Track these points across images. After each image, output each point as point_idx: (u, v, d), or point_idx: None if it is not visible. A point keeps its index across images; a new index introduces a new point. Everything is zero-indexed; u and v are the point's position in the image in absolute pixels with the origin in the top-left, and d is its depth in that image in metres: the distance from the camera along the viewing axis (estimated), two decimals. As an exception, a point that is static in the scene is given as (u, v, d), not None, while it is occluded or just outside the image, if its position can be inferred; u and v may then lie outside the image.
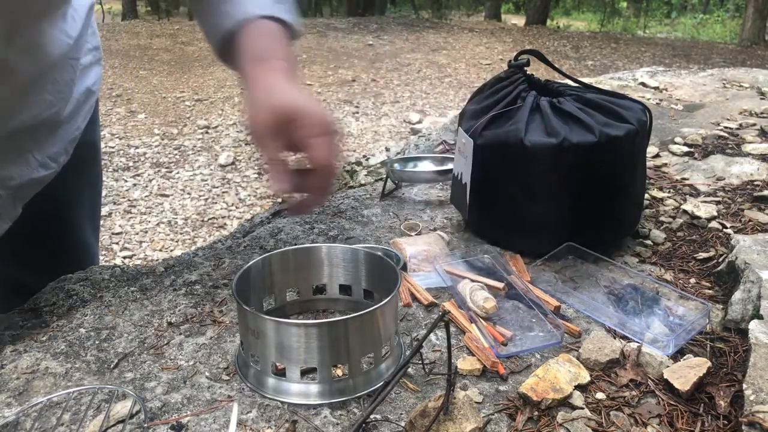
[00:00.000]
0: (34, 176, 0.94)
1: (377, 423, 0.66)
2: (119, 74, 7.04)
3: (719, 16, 17.91)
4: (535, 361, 0.77)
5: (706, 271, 0.99)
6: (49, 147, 0.97)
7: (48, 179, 0.97)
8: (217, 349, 0.78)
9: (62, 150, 1.00)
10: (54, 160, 0.98)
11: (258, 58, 0.83)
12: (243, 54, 0.84)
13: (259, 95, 0.80)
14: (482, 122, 1.02)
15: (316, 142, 0.77)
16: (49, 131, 0.96)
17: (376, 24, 11.40)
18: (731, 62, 8.61)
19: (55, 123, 0.97)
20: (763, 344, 0.72)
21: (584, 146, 0.94)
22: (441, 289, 0.93)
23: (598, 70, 8.28)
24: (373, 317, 0.69)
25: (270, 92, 0.80)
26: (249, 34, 0.85)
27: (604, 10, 18.50)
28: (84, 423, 0.65)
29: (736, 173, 1.39)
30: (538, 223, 1.01)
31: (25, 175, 0.93)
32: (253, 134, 0.79)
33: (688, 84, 2.30)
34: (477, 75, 7.69)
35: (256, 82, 0.81)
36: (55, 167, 0.98)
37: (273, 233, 1.11)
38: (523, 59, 1.08)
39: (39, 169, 0.95)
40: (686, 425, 0.66)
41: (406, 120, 5.68)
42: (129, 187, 4.07)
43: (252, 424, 0.66)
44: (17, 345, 0.79)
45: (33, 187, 0.96)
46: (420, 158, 1.37)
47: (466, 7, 19.52)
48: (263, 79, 0.81)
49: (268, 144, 0.77)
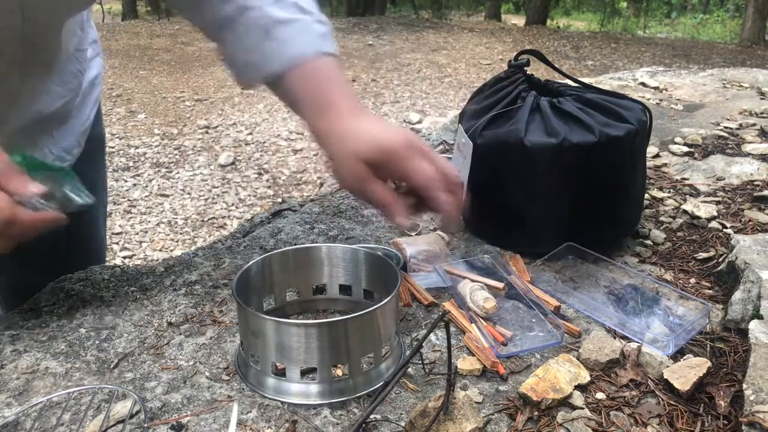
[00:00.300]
0: None
1: (377, 423, 0.66)
2: (119, 74, 7.04)
3: (719, 16, 17.91)
4: (535, 361, 0.77)
5: (706, 271, 0.99)
6: (62, 140, 1.01)
7: None
8: (217, 349, 0.78)
9: (75, 142, 1.04)
10: (68, 152, 1.03)
11: (324, 107, 0.80)
12: (305, 104, 0.81)
13: (341, 147, 0.76)
14: (482, 122, 1.02)
15: (417, 166, 0.74)
16: (60, 123, 1.00)
17: (376, 24, 11.40)
18: (731, 62, 8.61)
19: (65, 115, 1.01)
20: (763, 344, 0.72)
21: (584, 146, 0.94)
22: (441, 289, 0.93)
23: (598, 70, 8.27)
24: (373, 317, 0.69)
25: (352, 141, 0.76)
26: (305, 80, 0.81)
27: (604, 10, 18.50)
28: (84, 423, 0.65)
29: (736, 173, 1.39)
30: (538, 223, 1.01)
31: None
32: (351, 188, 0.77)
33: (688, 84, 2.30)
34: (477, 75, 7.69)
35: (331, 135, 0.78)
36: (70, 159, 1.03)
37: (273, 233, 1.11)
38: (523, 59, 1.08)
39: (55, 162, 0.99)
40: (686, 425, 0.66)
41: (406, 120, 5.68)
42: (129, 187, 4.07)
43: (252, 424, 0.66)
44: (17, 345, 0.79)
45: None
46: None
47: (466, 7, 19.52)
48: (339, 130, 0.78)
49: (373, 189, 0.75)
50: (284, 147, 4.91)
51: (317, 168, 4.50)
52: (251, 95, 6.46)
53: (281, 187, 4.18)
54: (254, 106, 6.05)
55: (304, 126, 0.83)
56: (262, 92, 6.59)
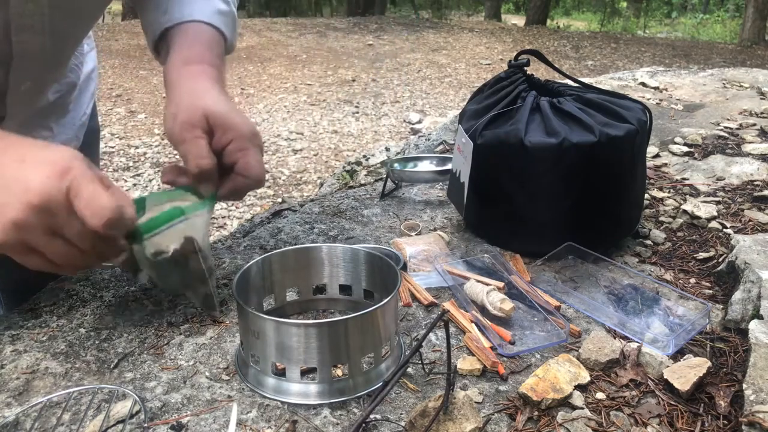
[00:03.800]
0: None
1: (377, 423, 0.66)
2: (119, 74, 7.04)
3: (719, 16, 17.91)
4: (535, 361, 0.77)
5: (706, 271, 0.99)
6: (61, 134, 1.02)
7: None
8: (217, 349, 0.78)
9: (73, 136, 1.06)
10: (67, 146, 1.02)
11: (189, 59, 0.84)
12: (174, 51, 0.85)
13: (187, 96, 0.80)
14: (482, 122, 1.02)
15: (249, 155, 0.79)
16: (59, 117, 1.01)
17: (376, 24, 11.41)
18: (731, 62, 8.62)
19: (63, 108, 1.02)
20: (763, 344, 0.72)
21: (584, 146, 0.94)
22: (441, 289, 0.93)
23: (598, 70, 8.28)
24: (373, 317, 0.69)
25: (199, 95, 0.80)
26: (184, 34, 0.86)
27: (604, 10, 18.51)
28: (84, 423, 0.65)
29: (736, 173, 1.39)
30: (538, 222, 1.01)
31: None
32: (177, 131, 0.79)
33: (688, 84, 2.30)
34: (477, 75, 7.70)
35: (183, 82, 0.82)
36: None
37: (273, 233, 1.11)
38: (523, 59, 1.08)
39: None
40: (686, 425, 0.66)
41: (406, 120, 5.68)
42: (129, 187, 4.07)
43: (252, 424, 0.66)
44: (17, 345, 0.79)
45: None
46: (420, 158, 1.37)
47: (466, 7, 19.53)
48: (192, 81, 0.82)
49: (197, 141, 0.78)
50: (284, 147, 4.92)
51: (317, 168, 4.50)
52: (251, 95, 6.47)
53: (281, 187, 4.18)
54: (254, 106, 6.05)
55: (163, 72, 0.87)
56: (261, 92, 6.59)
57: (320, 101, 6.33)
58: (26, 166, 0.63)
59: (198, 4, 0.88)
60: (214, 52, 0.87)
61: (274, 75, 7.42)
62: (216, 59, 0.87)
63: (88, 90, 1.10)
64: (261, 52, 8.66)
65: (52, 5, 0.77)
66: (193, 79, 0.82)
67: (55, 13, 0.78)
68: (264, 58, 8.27)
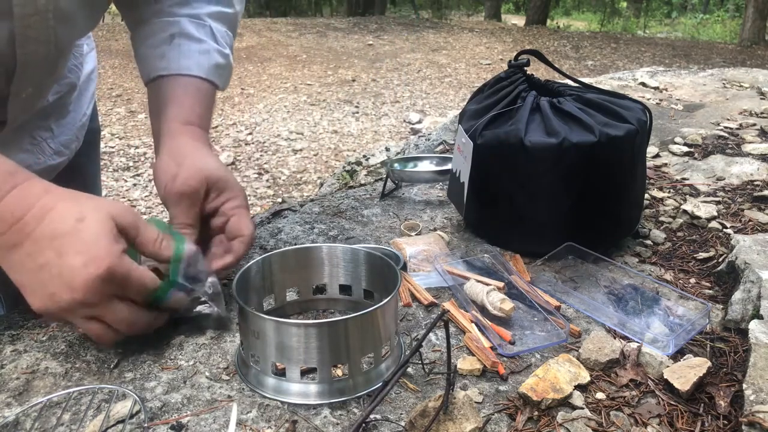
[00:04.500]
0: (50, 163, 1.01)
1: (377, 423, 0.66)
2: (119, 74, 7.05)
3: (719, 16, 17.92)
4: (535, 361, 0.77)
5: (706, 271, 0.99)
6: (61, 134, 1.03)
7: (63, 165, 1.04)
8: (217, 349, 0.78)
9: (73, 137, 1.06)
10: (67, 147, 1.05)
11: (188, 119, 0.87)
12: (172, 105, 0.87)
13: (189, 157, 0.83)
14: (482, 122, 1.02)
15: (242, 215, 0.84)
16: (59, 118, 1.03)
17: (376, 24, 11.41)
18: (731, 62, 8.62)
19: (63, 109, 1.03)
20: (763, 344, 0.72)
21: (584, 146, 0.94)
22: (441, 289, 0.93)
23: (598, 70, 8.28)
24: (373, 317, 0.69)
25: (200, 157, 0.83)
26: (183, 89, 0.88)
27: (604, 10, 18.51)
28: (84, 423, 0.65)
29: (736, 173, 1.39)
30: (538, 222, 1.01)
31: (41, 163, 0.99)
32: (175, 192, 0.81)
33: (688, 84, 2.30)
34: (477, 75, 7.70)
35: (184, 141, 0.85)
36: (68, 154, 1.05)
37: (273, 233, 1.11)
38: (523, 59, 1.08)
39: (54, 157, 1.02)
40: (686, 425, 0.66)
41: (406, 120, 5.68)
42: (129, 187, 4.07)
43: (252, 424, 0.66)
44: (17, 345, 0.79)
45: (49, 173, 1.01)
46: (420, 158, 1.37)
47: (466, 7, 19.54)
48: (193, 143, 0.85)
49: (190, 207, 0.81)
50: (284, 147, 4.92)
51: (317, 168, 4.50)
52: (251, 95, 6.47)
53: (281, 187, 4.18)
54: (254, 106, 6.05)
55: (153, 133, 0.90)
56: (262, 92, 6.60)
57: (320, 101, 6.33)
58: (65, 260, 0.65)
59: (196, 59, 0.89)
60: (209, 112, 0.92)
61: (274, 75, 7.43)
62: (210, 119, 0.91)
63: (88, 91, 1.11)
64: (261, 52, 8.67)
65: (57, 17, 0.77)
66: (193, 141, 0.85)
67: (60, 24, 0.78)
68: (264, 58, 8.28)
